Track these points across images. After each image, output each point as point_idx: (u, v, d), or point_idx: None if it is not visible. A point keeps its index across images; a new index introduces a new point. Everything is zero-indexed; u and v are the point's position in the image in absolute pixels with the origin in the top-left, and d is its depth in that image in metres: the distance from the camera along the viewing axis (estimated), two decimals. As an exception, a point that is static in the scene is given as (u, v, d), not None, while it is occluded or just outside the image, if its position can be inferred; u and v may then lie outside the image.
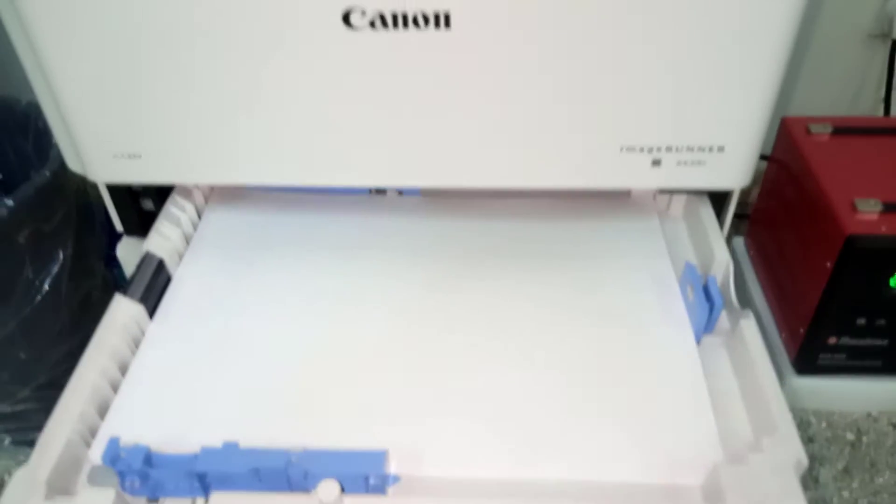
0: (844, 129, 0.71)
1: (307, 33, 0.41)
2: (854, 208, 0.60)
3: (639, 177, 0.47)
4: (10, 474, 0.52)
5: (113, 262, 0.76)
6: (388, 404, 0.42)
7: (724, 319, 0.47)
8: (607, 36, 0.41)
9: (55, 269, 0.66)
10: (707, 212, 0.52)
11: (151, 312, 0.48)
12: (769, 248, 0.77)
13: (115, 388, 0.43)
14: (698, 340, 0.45)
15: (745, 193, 0.59)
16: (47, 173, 0.64)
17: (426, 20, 0.40)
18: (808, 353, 0.68)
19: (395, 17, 0.40)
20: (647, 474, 0.39)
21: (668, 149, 0.45)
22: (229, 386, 0.43)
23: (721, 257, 0.48)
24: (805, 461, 0.37)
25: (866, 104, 0.83)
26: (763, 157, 0.64)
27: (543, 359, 0.45)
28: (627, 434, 0.40)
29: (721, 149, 0.45)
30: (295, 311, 0.48)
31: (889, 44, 0.76)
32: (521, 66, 0.42)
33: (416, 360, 0.45)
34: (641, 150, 0.45)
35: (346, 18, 0.40)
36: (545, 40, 0.41)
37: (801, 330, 0.67)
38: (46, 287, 0.66)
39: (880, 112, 0.81)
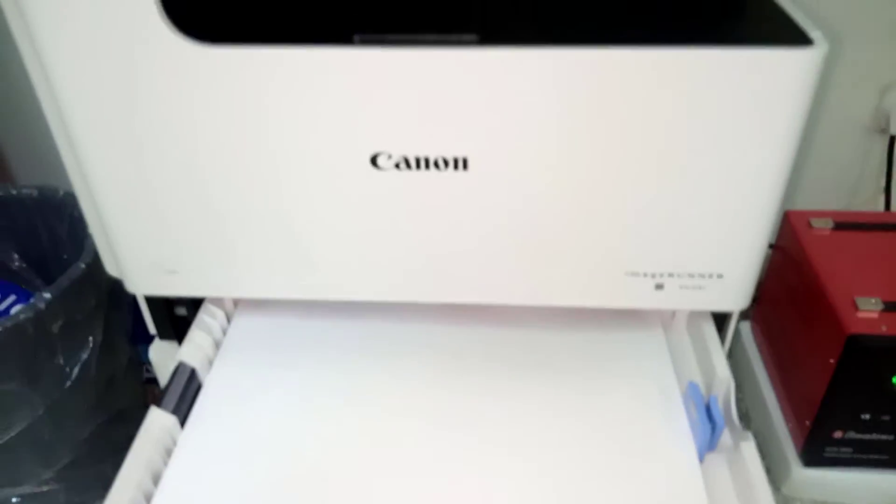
0: (845, 225, 0.73)
1: (338, 172, 0.45)
2: (855, 307, 0.61)
3: (642, 298, 0.49)
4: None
5: (138, 339, 0.78)
6: None
7: (726, 435, 0.48)
8: (612, 180, 0.44)
9: (85, 355, 0.68)
10: (709, 327, 0.54)
11: (183, 420, 0.50)
12: (775, 333, 0.78)
13: (148, 499, 0.45)
14: (701, 458, 0.47)
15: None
16: (82, 265, 0.66)
17: (446, 163, 0.44)
18: (815, 446, 0.68)
19: (417, 161, 0.44)
20: None
21: (671, 275, 0.48)
22: (257, 498, 0.45)
23: (722, 375, 0.50)
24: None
25: (866, 194, 0.86)
26: (770, 246, 0.66)
27: (544, 473, 0.46)
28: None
29: (720, 276, 0.48)
30: (319, 418, 0.50)
31: (887, 139, 0.79)
32: (531, 203, 0.46)
33: (434, 470, 0.47)
34: (645, 275, 0.48)
35: (373, 160, 0.44)
36: (553, 182, 0.45)
37: (807, 422, 0.68)
38: (76, 372, 0.67)
39: (880, 201, 0.83)
